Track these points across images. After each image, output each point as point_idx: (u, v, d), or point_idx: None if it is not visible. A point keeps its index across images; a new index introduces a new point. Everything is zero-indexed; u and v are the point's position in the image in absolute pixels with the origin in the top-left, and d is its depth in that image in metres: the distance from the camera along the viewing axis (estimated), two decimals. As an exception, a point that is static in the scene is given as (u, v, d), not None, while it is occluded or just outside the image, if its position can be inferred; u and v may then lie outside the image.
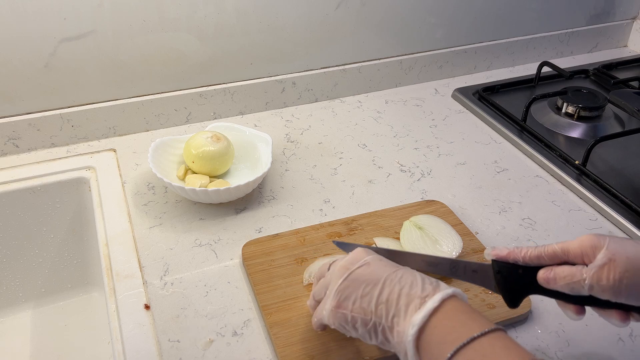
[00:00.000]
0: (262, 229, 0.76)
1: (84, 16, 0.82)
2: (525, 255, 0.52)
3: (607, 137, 0.88)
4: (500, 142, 0.96)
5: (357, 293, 0.50)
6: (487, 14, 1.12)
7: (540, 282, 0.51)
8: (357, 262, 0.52)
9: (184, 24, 0.89)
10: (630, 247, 0.48)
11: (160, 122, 0.95)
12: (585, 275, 0.48)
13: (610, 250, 0.48)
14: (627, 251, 0.47)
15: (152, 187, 0.82)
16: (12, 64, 0.82)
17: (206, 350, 0.60)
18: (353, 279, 0.51)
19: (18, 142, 0.87)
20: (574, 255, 0.50)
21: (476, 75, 1.17)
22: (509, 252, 0.53)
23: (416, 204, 0.79)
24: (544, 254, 0.51)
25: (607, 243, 0.48)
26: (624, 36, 1.31)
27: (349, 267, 0.52)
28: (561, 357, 0.60)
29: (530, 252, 0.52)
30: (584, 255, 0.49)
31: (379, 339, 0.49)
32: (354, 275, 0.51)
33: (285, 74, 1.01)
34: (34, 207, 0.83)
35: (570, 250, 0.50)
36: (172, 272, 0.69)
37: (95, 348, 0.83)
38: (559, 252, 0.50)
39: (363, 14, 1.01)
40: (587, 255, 0.49)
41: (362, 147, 0.94)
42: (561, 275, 0.49)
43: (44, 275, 0.88)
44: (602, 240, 0.49)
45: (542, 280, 0.51)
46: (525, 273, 0.52)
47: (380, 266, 0.52)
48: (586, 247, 0.49)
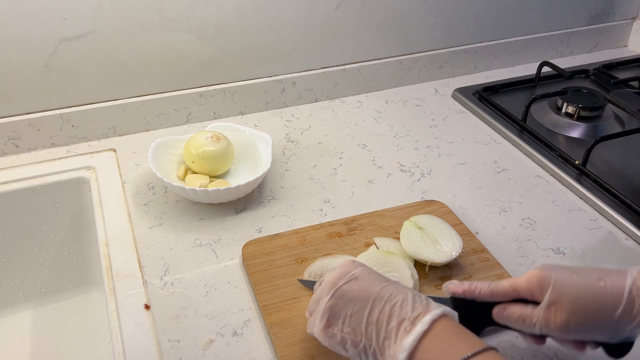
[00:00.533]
0: (262, 229, 0.76)
1: (84, 16, 0.82)
2: (480, 293, 0.54)
3: (607, 137, 0.88)
4: (500, 142, 0.96)
5: (346, 311, 0.50)
6: (487, 14, 1.12)
7: (495, 318, 0.53)
8: (345, 276, 0.51)
9: (184, 24, 0.89)
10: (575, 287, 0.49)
11: (160, 122, 0.95)
12: (535, 318, 0.50)
13: (556, 292, 0.49)
14: (572, 292, 0.49)
15: (152, 187, 0.82)
16: (12, 64, 0.82)
17: (206, 350, 0.60)
18: (341, 295, 0.50)
19: (18, 142, 0.87)
20: (523, 293, 0.52)
21: (476, 75, 1.17)
22: (464, 290, 0.55)
23: (416, 204, 0.79)
24: (495, 293, 0.53)
25: (553, 283, 0.49)
26: (624, 36, 1.31)
27: (336, 282, 0.51)
28: (561, 357, 0.60)
29: (483, 289, 0.54)
30: (532, 293, 0.51)
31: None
32: (342, 292, 0.50)
33: (285, 74, 1.01)
34: (34, 207, 0.83)
35: (520, 289, 0.52)
36: (172, 272, 0.69)
37: (95, 348, 0.83)
38: (509, 290, 0.52)
39: (363, 14, 1.01)
40: (535, 294, 0.51)
41: (362, 147, 0.94)
42: (513, 316, 0.52)
43: (44, 275, 0.88)
44: (547, 278, 0.50)
45: (497, 318, 0.53)
46: (482, 308, 0.54)
47: (369, 281, 0.51)
48: (534, 287, 0.51)
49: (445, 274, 0.68)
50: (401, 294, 0.49)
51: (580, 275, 0.50)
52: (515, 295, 0.52)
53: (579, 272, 0.50)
